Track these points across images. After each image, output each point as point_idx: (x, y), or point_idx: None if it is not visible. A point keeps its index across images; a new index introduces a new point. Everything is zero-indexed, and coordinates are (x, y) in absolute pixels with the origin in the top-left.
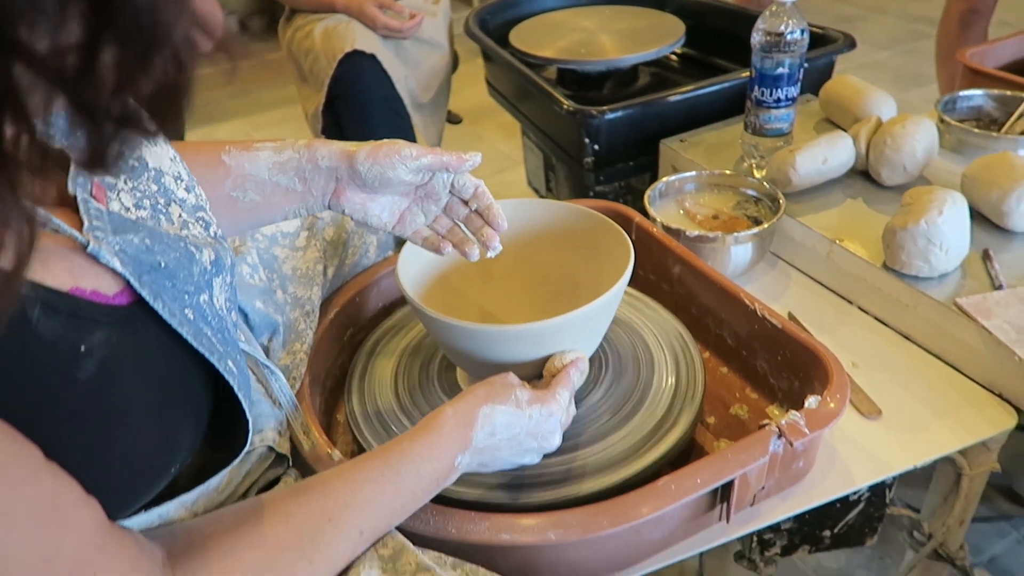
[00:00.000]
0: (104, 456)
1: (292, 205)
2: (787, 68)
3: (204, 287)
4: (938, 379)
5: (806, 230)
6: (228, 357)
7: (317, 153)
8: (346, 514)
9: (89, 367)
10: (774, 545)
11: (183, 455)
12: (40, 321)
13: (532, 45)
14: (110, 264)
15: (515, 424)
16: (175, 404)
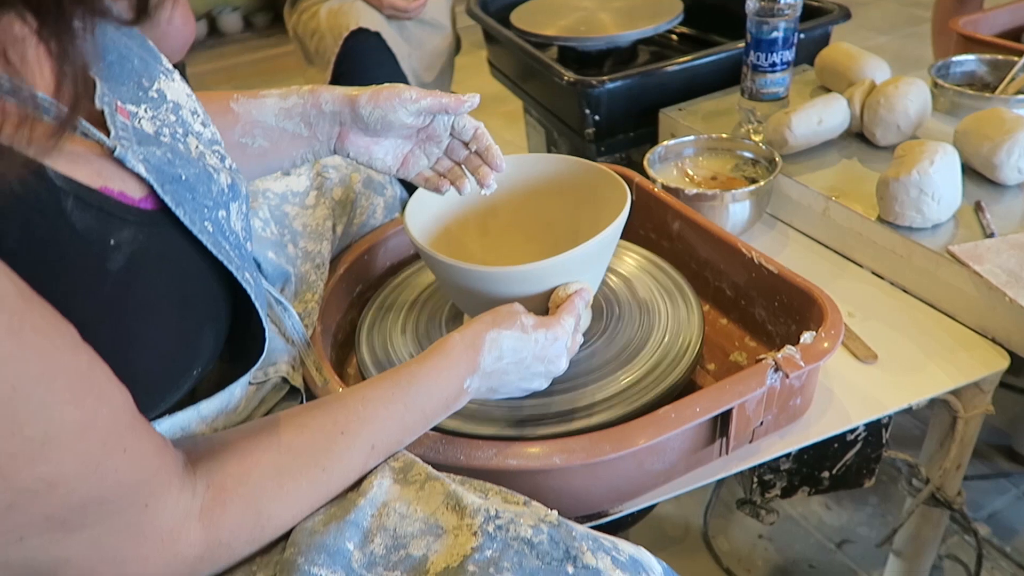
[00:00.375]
0: (131, 348)
1: (299, 150)
2: (782, 32)
3: (222, 205)
4: (932, 325)
5: (803, 188)
6: (245, 270)
7: (321, 98)
8: (359, 428)
9: (118, 260)
10: (774, 487)
11: (204, 358)
12: (73, 212)
13: (533, 24)
14: (135, 169)
15: (521, 348)
16: (196, 306)
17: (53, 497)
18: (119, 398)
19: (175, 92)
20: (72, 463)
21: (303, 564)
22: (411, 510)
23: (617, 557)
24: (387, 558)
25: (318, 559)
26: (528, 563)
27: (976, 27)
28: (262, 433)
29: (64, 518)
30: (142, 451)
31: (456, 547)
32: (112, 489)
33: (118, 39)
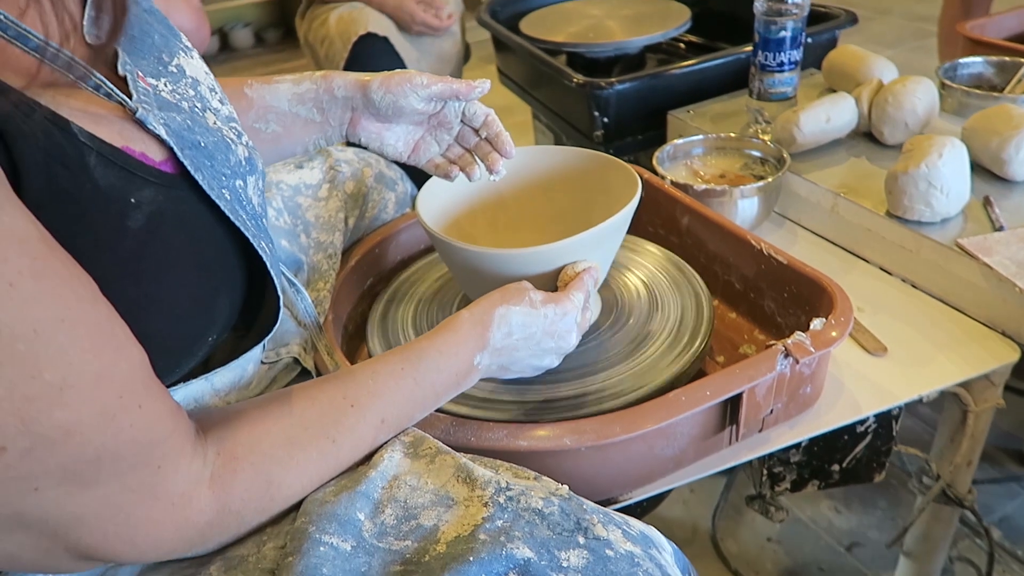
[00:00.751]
0: (148, 308)
1: (312, 136)
2: (789, 32)
3: (239, 175)
4: (942, 319)
5: (811, 186)
6: (260, 239)
7: (333, 83)
8: (369, 402)
9: (138, 218)
10: (784, 480)
11: (219, 325)
12: (96, 168)
13: (542, 32)
14: (156, 131)
15: (531, 324)
16: (213, 270)
17: (69, 446)
18: (136, 355)
19: (194, 68)
20: (89, 412)
21: (314, 532)
22: (422, 482)
23: (628, 531)
24: (398, 528)
25: (329, 527)
26: (539, 532)
27: (983, 31)
28: (273, 403)
29: (79, 471)
30: (157, 411)
31: (467, 517)
32: (126, 445)
33: (140, 16)
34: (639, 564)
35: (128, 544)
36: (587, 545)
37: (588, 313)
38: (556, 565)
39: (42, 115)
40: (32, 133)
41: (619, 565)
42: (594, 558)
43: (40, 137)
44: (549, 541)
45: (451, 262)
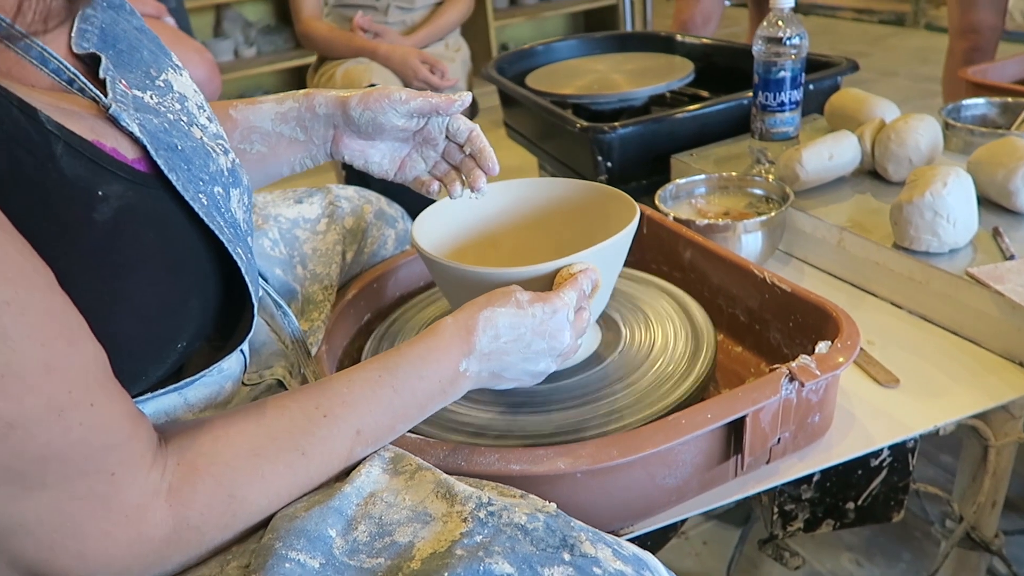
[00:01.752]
0: (113, 306)
1: (296, 155)
2: (788, 72)
3: (219, 183)
4: (956, 351)
5: (816, 221)
6: (238, 245)
7: (315, 101)
8: (343, 411)
9: (105, 211)
10: (796, 518)
11: (189, 331)
12: (63, 157)
13: (548, 86)
14: (129, 127)
15: (519, 324)
16: (184, 273)
17: (10, 440)
18: (91, 351)
19: (182, 85)
20: (33, 404)
21: (280, 549)
22: (399, 499)
23: (619, 551)
24: (371, 545)
25: (297, 543)
26: (521, 548)
27: (985, 76)
28: (241, 414)
29: (23, 471)
30: (112, 413)
31: (444, 533)
32: (75, 446)
33: (131, 32)
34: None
35: (76, 558)
36: (573, 563)
37: (585, 314)
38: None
39: (8, 100)
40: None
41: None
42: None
43: (4, 120)
44: (532, 557)
45: (447, 286)
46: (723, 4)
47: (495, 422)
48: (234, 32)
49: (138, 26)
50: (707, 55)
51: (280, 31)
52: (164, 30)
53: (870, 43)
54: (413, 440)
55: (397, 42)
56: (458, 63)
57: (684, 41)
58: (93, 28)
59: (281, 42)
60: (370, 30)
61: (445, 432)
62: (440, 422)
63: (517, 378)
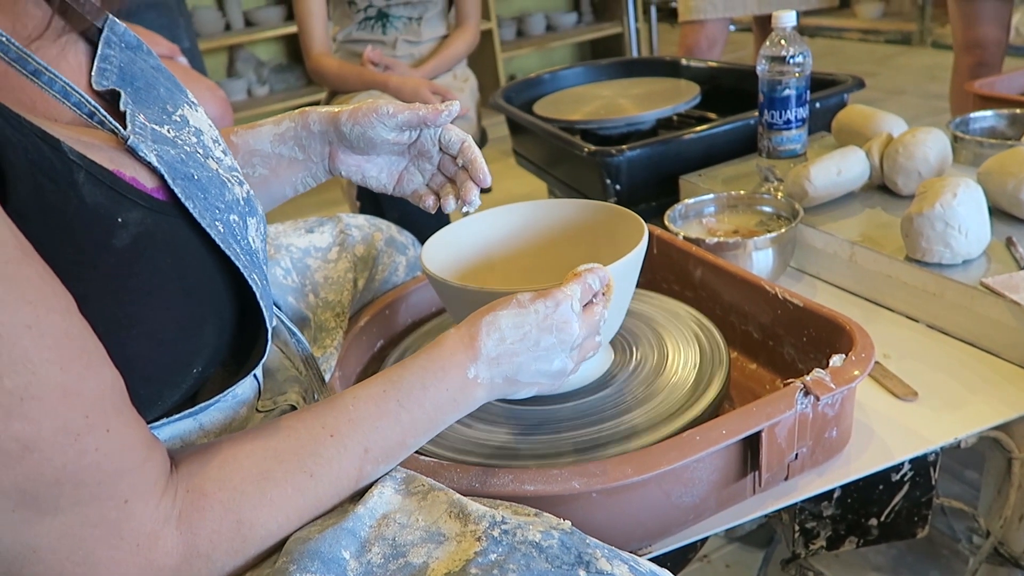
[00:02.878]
0: (130, 329)
1: (297, 174)
2: (793, 90)
3: (235, 211)
4: (973, 362)
5: (827, 237)
6: (254, 271)
7: (309, 119)
8: (349, 429)
9: (124, 237)
10: (818, 536)
11: (205, 356)
12: (84, 185)
13: (555, 113)
14: (147, 158)
15: (522, 323)
16: (200, 299)
17: (27, 462)
18: (108, 376)
19: (198, 120)
20: (50, 427)
21: (295, 572)
22: (412, 520)
23: (636, 567)
24: (385, 567)
25: (311, 566)
26: (536, 565)
27: (993, 89)
28: (248, 437)
29: (37, 494)
30: (127, 438)
31: (459, 553)
32: (89, 471)
33: (147, 71)
34: None
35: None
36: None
37: (598, 308)
38: None
39: (32, 131)
40: (20, 144)
41: None
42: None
43: (29, 149)
44: (547, 574)
45: (457, 309)
46: (728, 29)
47: (510, 443)
48: (247, 72)
49: (154, 65)
50: (713, 78)
51: (291, 69)
52: (177, 69)
53: (877, 63)
54: (426, 463)
55: (407, 74)
56: (467, 93)
57: (689, 65)
58: (112, 67)
59: (293, 80)
60: (380, 63)
61: (459, 454)
62: (454, 444)
63: (534, 381)
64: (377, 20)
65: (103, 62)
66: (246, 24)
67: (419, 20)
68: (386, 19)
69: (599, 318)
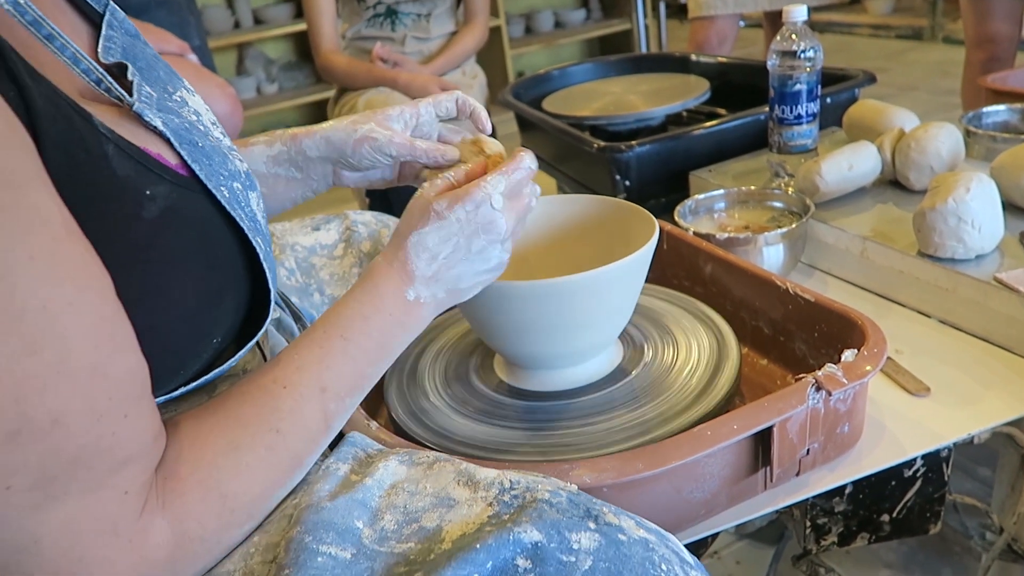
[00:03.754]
0: (158, 298)
1: (296, 191)
2: (804, 84)
3: (238, 180)
4: (986, 357)
5: (838, 232)
6: (257, 235)
7: (303, 144)
8: (299, 376)
9: (152, 209)
10: (830, 532)
11: (224, 327)
12: (115, 157)
13: (564, 109)
14: (153, 123)
15: (447, 235)
16: (220, 270)
17: (53, 437)
18: (134, 363)
19: (196, 103)
20: (78, 405)
21: (311, 543)
22: (420, 487)
23: (642, 523)
24: (399, 532)
25: (326, 537)
26: (548, 515)
27: (1005, 83)
28: (206, 412)
29: (54, 473)
30: (140, 427)
31: (471, 516)
32: (103, 455)
33: (148, 56)
34: (654, 549)
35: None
36: (598, 529)
37: (526, 194)
38: (567, 547)
39: (67, 102)
40: (55, 115)
41: (633, 549)
42: (606, 541)
43: (61, 119)
44: (559, 523)
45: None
46: (738, 25)
47: (520, 439)
48: (256, 70)
49: (152, 53)
50: (722, 73)
51: (300, 67)
52: (187, 67)
53: (888, 58)
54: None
55: (416, 71)
56: (476, 89)
57: (699, 60)
58: (115, 46)
59: (302, 78)
60: (389, 60)
61: (469, 450)
62: (464, 440)
63: (476, 281)
64: (386, 17)
65: (107, 41)
66: (255, 22)
67: (428, 17)
68: (395, 16)
69: (529, 205)
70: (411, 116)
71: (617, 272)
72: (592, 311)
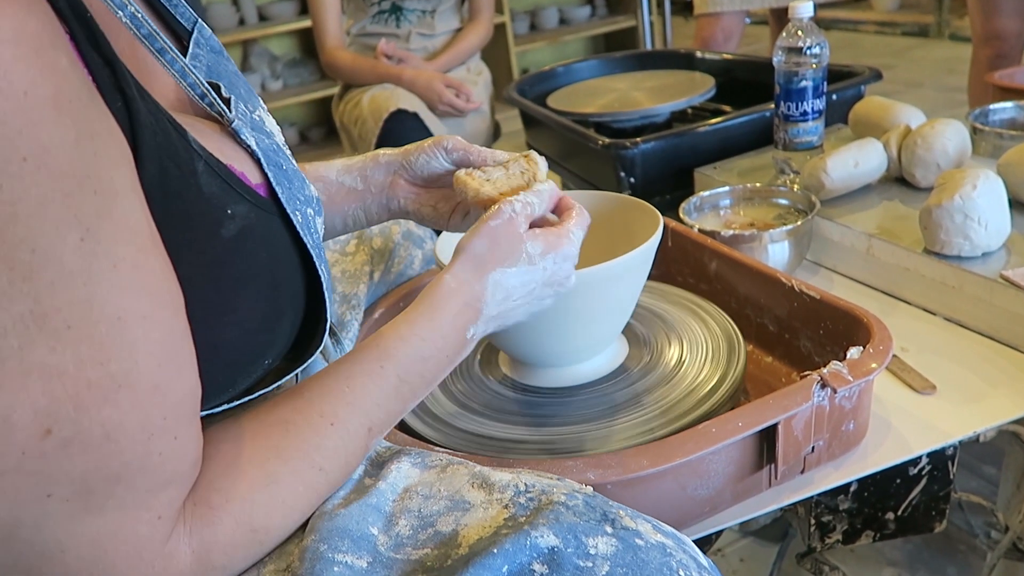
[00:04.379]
0: (224, 315)
1: (352, 204)
2: (810, 81)
3: (311, 206)
4: (992, 355)
5: (844, 229)
6: (321, 264)
7: (379, 154)
8: (349, 414)
9: (231, 228)
10: (834, 530)
11: (278, 347)
12: (203, 175)
13: (569, 105)
14: (247, 142)
15: (530, 281)
16: (283, 291)
17: (102, 451)
18: (192, 384)
19: (271, 123)
20: (133, 421)
21: (326, 552)
22: (434, 491)
23: (659, 527)
24: (415, 537)
25: (342, 545)
26: (565, 518)
27: (1013, 80)
28: (244, 438)
29: (94, 486)
30: (186, 451)
31: (487, 520)
32: (147, 475)
33: (229, 73)
34: (671, 554)
35: None
36: (615, 534)
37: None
38: (583, 552)
39: (165, 118)
40: (155, 128)
41: (650, 554)
42: (623, 546)
43: (161, 133)
44: (576, 526)
45: None
46: (744, 22)
47: (523, 435)
48: (261, 66)
49: (234, 70)
50: (728, 70)
51: (305, 64)
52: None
53: (894, 55)
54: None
55: (420, 67)
56: (480, 86)
57: (704, 57)
58: (202, 64)
59: (307, 74)
60: (394, 56)
61: (474, 447)
62: (468, 437)
63: (516, 321)
64: (391, 13)
65: (194, 59)
66: (260, 19)
67: (433, 13)
68: (400, 12)
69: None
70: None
71: (621, 267)
72: (596, 307)
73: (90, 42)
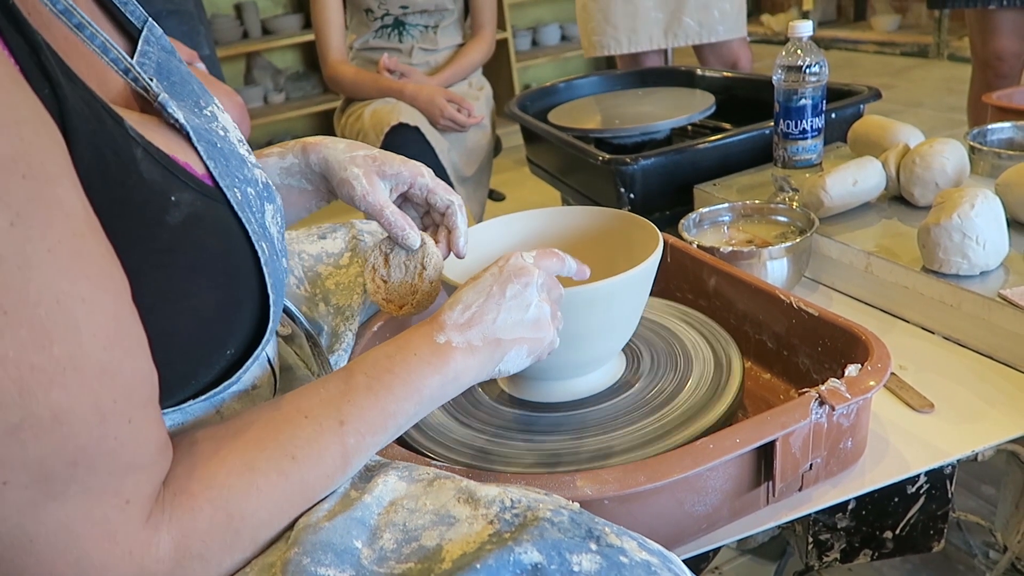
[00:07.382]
0: (176, 304)
1: (309, 201)
2: (810, 99)
3: (252, 187)
4: (991, 374)
5: (843, 247)
6: (263, 240)
7: (310, 159)
8: (321, 409)
9: (176, 216)
10: (832, 548)
11: (238, 338)
12: (143, 161)
13: (570, 121)
14: (175, 115)
15: (480, 287)
16: (238, 280)
17: (54, 435)
18: (145, 369)
19: (225, 120)
20: (83, 404)
21: (309, 565)
22: (420, 504)
23: (644, 544)
24: (398, 551)
25: (325, 559)
26: (549, 535)
27: (1011, 100)
28: (227, 432)
29: (53, 472)
30: (145, 435)
31: (472, 535)
32: (105, 458)
33: (182, 71)
34: (656, 572)
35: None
36: (600, 551)
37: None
38: (567, 569)
39: (100, 104)
40: (87, 115)
41: (635, 572)
42: (607, 563)
43: (94, 120)
44: (560, 543)
45: None
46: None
47: (522, 449)
48: (264, 79)
49: (186, 71)
50: (728, 88)
51: (308, 77)
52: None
53: (893, 75)
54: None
55: (423, 82)
56: (482, 101)
57: (704, 75)
58: (150, 62)
59: (309, 88)
60: (396, 71)
61: (470, 460)
62: (468, 451)
63: (517, 335)
64: (394, 28)
65: (142, 56)
66: (263, 32)
67: (435, 28)
68: (402, 27)
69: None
70: (409, 177)
71: (621, 284)
72: (595, 323)
73: (13, 26)
